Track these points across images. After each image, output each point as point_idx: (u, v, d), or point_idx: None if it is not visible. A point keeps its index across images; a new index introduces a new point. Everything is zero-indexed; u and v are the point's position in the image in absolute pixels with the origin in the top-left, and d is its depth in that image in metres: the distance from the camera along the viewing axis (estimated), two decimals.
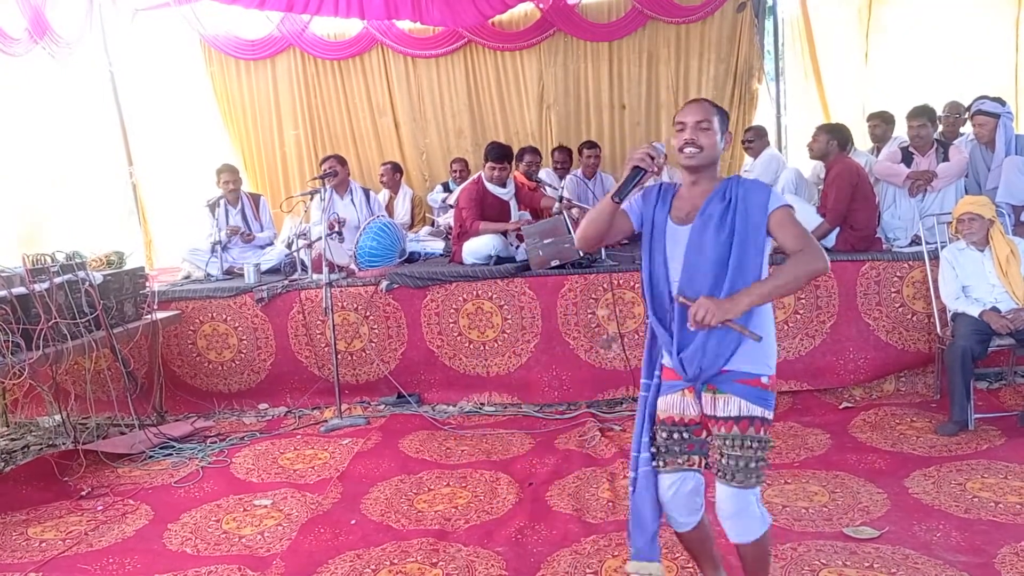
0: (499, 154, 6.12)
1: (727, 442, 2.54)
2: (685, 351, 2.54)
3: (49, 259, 4.72)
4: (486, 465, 4.56)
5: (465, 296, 5.66)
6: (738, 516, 2.55)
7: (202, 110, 9.12)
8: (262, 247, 6.89)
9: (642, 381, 2.75)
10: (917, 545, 3.33)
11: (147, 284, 5.53)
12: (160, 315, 5.56)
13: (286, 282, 5.90)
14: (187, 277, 6.61)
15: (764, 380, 2.53)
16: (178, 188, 8.80)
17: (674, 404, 2.64)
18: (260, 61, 9.05)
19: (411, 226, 8.43)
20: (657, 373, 2.69)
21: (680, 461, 2.63)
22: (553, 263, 5.56)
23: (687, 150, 2.52)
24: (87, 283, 4.88)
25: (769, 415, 2.55)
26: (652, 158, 2.51)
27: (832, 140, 5.61)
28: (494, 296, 5.62)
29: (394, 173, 8.52)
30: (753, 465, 2.52)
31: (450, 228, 7.23)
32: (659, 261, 2.62)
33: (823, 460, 4.35)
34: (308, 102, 9.13)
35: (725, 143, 2.58)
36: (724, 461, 2.55)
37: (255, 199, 7.05)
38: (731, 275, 2.47)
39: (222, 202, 6.75)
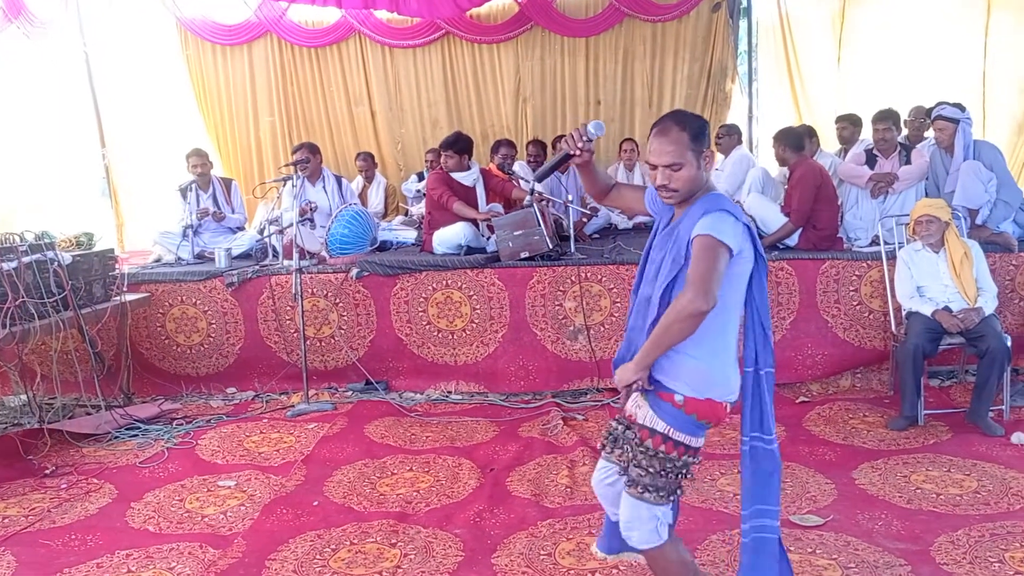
0: (445, 142, 6.29)
1: (631, 447, 2.50)
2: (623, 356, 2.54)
3: (18, 238, 4.74)
4: (450, 451, 4.64)
5: (435, 285, 5.73)
6: (624, 521, 2.51)
7: (177, 94, 9.12)
8: (233, 231, 6.91)
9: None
10: (859, 533, 3.46)
11: (116, 266, 5.55)
12: (129, 297, 5.58)
13: (256, 267, 5.94)
14: (158, 260, 6.63)
15: (677, 399, 2.41)
16: (151, 171, 8.81)
17: (632, 399, 2.55)
18: (237, 46, 9.07)
19: (384, 215, 8.49)
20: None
21: (611, 452, 2.60)
22: (523, 255, 5.64)
23: (663, 194, 2.44)
24: (56, 263, 4.89)
25: (678, 435, 2.42)
26: (579, 142, 2.49)
27: (782, 146, 5.75)
28: (463, 286, 5.69)
29: (371, 163, 8.59)
30: (647, 478, 2.44)
31: (423, 217, 7.30)
32: (642, 261, 2.61)
33: None
34: (284, 89, 9.15)
35: (707, 162, 2.43)
36: (627, 464, 2.51)
37: (227, 183, 7.07)
38: (660, 295, 2.41)
39: (193, 186, 6.77)
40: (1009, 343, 4.61)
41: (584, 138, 2.52)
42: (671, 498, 2.49)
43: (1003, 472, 4.00)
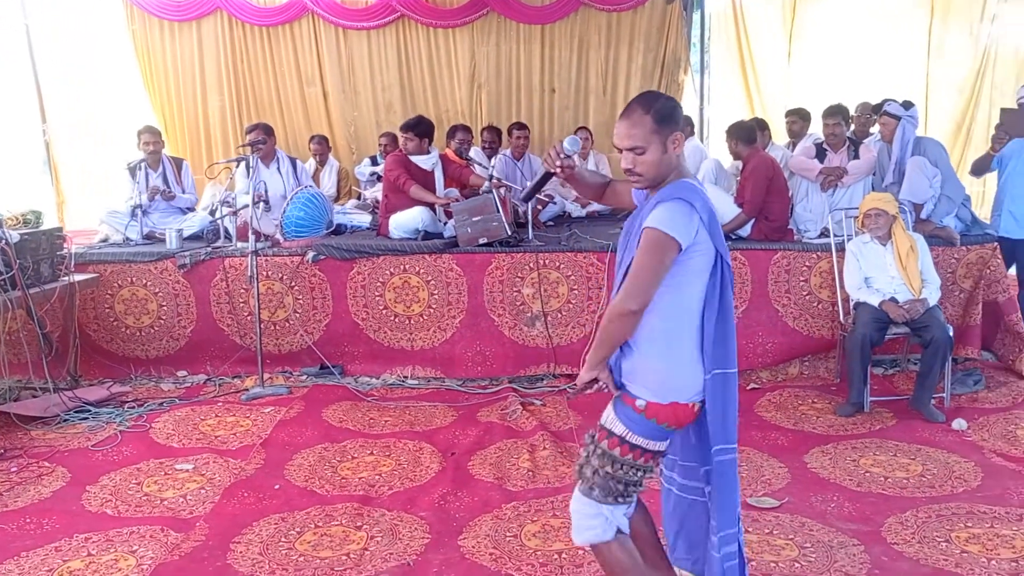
0: (405, 124, 6.24)
1: (588, 446, 2.47)
2: None
3: None
4: (409, 435, 4.65)
5: (392, 270, 5.71)
6: (571, 511, 2.50)
7: (122, 70, 8.86)
8: (183, 211, 6.78)
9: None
10: (813, 514, 3.59)
11: (65, 245, 5.41)
12: (78, 277, 5.44)
13: (209, 249, 5.84)
14: (104, 240, 6.46)
15: (639, 404, 2.35)
16: (94, 148, 8.58)
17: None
18: (185, 23, 8.84)
19: (337, 198, 8.41)
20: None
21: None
22: (481, 241, 5.65)
23: (631, 179, 2.40)
24: (3, 241, 4.76)
25: (636, 439, 2.36)
26: (557, 160, 2.49)
27: (735, 140, 5.88)
28: (421, 271, 5.69)
29: (324, 146, 8.49)
30: (589, 472, 2.43)
31: (377, 201, 7.25)
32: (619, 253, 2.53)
33: None
34: (234, 68, 8.96)
35: (674, 146, 2.35)
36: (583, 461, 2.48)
37: (177, 163, 6.92)
38: (616, 290, 2.38)
39: (143, 165, 6.61)
40: (951, 333, 4.80)
41: (562, 155, 2.51)
42: (622, 500, 2.42)
43: (946, 456, 4.18)
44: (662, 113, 2.32)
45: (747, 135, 5.90)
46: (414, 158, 6.19)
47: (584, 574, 3.12)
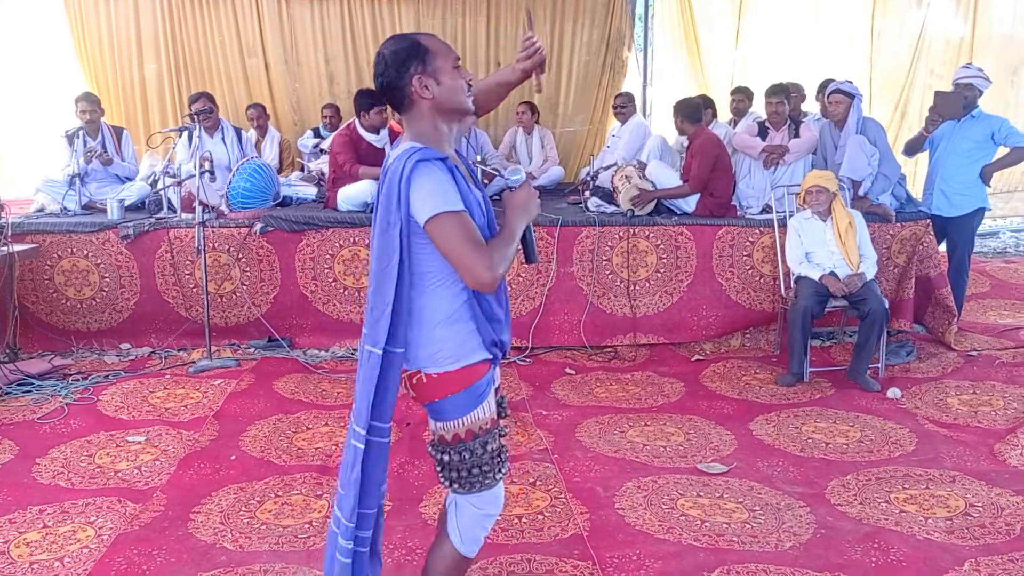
0: (373, 99, 6.14)
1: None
2: (507, 324, 2.30)
3: None
4: None
5: (341, 242, 5.69)
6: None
7: (53, 37, 8.54)
8: (121, 180, 6.60)
9: (386, 426, 2.23)
10: (760, 478, 3.74)
11: (2, 215, 5.25)
12: (16, 248, 5.29)
13: (153, 220, 5.73)
14: (41, 210, 6.27)
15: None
16: (25, 116, 8.27)
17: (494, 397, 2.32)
18: None
19: (280, 170, 8.28)
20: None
21: (507, 463, 2.32)
22: None
23: (470, 94, 2.23)
24: None
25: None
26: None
27: (680, 117, 6.01)
28: (370, 243, 5.66)
29: (263, 113, 8.33)
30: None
31: (322, 174, 7.18)
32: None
33: (678, 405, 4.73)
34: (172, 36, 8.69)
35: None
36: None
37: (117, 132, 6.73)
38: None
39: (81, 133, 6.42)
40: (887, 306, 5.01)
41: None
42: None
43: (882, 423, 4.38)
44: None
45: (693, 113, 6.02)
46: (367, 136, 6.14)
47: (544, 538, 3.21)
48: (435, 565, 2.30)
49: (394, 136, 6.44)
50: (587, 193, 6.26)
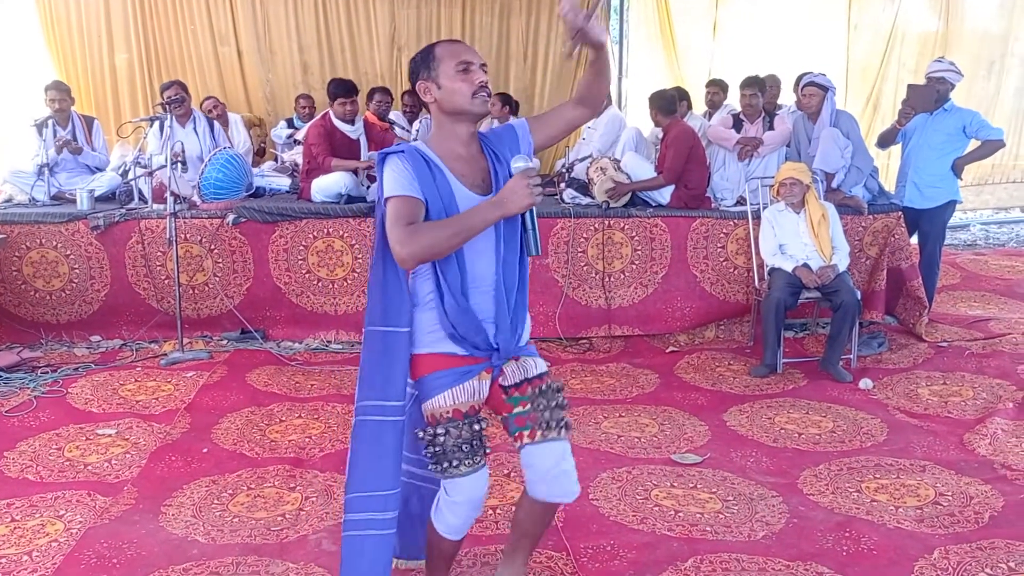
0: (345, 88, 6.09)
1: (544, 398, 2.36)
2: (502, 326, 2.33)
3: None
4: (337, 399, 4.64)
5: (315, 234, 5.65)
6: (572, 469, 2.36)
7: (21, 24, 8.39)
8: (92, 170, 6.51)
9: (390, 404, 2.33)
10: (734, 468, 3.76)
11: None
12: None
13: (124, 211, 5.65)
14: (8, 200, 6.18)
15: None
16: None
17: (471, 392, 2.35)
18: None
19: (255, 152, 8.16)
20: (409, 382, 2.36)
21: (478, 457, 2.37)
22: None
23: (482, 95, 2.22)
24: None
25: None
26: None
27: (655, 110, 6.02)
28: (345, 235, 5.64)
29: (218, 104, 8.19)
30: (568, 416, 2.40)
31: (296, 165, 7.12)
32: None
33: (653, 397, 4.75)
34: (144, 23, 8.58)
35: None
36: (547, 416, 2.34)
37: (88, 121, 6.63)
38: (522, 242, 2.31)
39: (51, 122, 6.32)
40: (859, 298, 5.06)
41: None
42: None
43: (854, 414, 4.42)
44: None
45: (668, 105, 6.02)
46: (341, 127, 6.10)
47: None
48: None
49: (369, 127, 6.40)
50: (562, 185, 6.25)
